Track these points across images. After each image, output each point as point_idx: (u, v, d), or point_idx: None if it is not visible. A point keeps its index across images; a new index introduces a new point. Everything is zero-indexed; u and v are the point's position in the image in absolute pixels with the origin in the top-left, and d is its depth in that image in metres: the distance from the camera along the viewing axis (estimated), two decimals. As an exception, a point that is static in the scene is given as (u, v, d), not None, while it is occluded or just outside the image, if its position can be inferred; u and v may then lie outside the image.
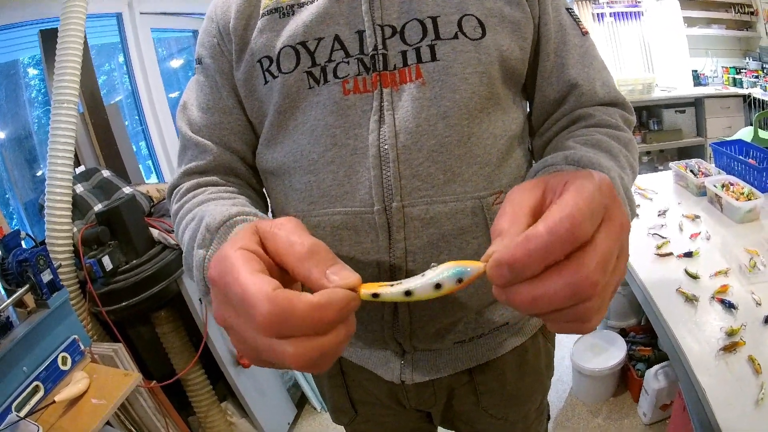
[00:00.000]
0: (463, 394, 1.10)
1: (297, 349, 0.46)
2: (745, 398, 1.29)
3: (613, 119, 0.91)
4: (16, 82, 2.95)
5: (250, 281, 0.47)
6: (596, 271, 0.45)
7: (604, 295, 0.48)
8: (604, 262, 0.46)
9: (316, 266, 0.50)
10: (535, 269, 0.45)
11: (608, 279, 0.48)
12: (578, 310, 0.47)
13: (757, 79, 4.76)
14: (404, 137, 0.83)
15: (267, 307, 0.45)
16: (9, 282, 1.75)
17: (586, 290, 0.45)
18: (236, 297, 0.48)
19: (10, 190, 2.81)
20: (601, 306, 0.49)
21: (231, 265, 0.49)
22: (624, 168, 0.80)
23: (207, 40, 0.97)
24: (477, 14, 0.85)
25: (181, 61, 4.42)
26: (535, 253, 0.45)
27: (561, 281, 0.45)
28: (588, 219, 0.45)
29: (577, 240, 0.45)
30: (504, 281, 0.47)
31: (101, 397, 1.65)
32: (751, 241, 1.94)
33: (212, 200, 0.87)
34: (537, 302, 0.46)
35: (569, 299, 0.46)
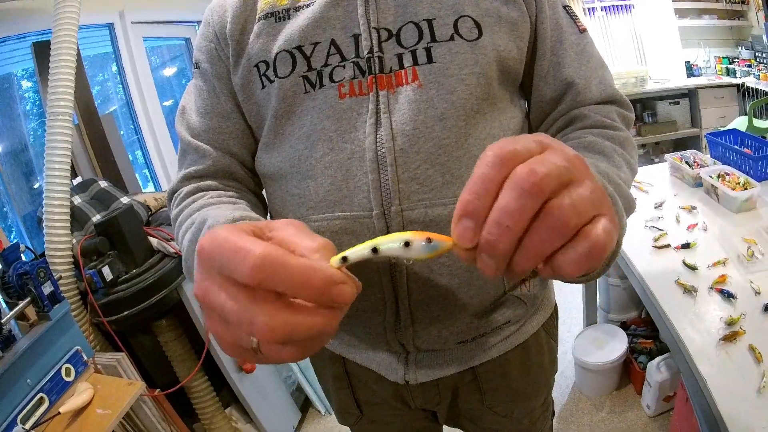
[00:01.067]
0: (468, 393, 1.10)
1: (268, 319, 0.45)
2: (746, 387, 1.30)
3: (608, 119, 0.91)
4: (10, 96, 2.95)
5: (245, 239, 0.46)
6: (534, 163, 0.44)
7: (576, 198, 0.44)
8: (543, 160, 0.44)
9: (324, 257, 0.49)
10: (485, 202, 0.45)
11: (570, 189, 0.45)
12: (553, 210, 0.44)
13: (750, 68, 4.77)
14: (401, 140, 0.82)
15: (261, 248, 0.44)
16: (10, 295, 1.75)
17: (528, 178, 0.43)
18: (228, 250, 0.46)
19: (8, 203, 2.81)
20: (581, 209, 0.44)
21: (224, 234, 0.47)
22: (620, 166, 0.80)
23: (204, 44, 0.98)
24: (473, 15, 0.85)
25: (174, 69, 4.42)
26: (475, 185, 0.45)
27: (505, 188, 0.44)
28: (511, 143, 0.45)
29: (507, 158, 0.44)
30: (469, 234, 0.46)
31: (106, 407, 1.65)
32: (748, 230, 1.94)
33: (213, 204, 0.87)
34: (502, 222, 0.44)
35: (522, 197, 0.43)
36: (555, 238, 0.45)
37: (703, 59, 5.17)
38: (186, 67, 4.41)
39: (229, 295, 0.46)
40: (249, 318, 0.45)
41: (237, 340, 0.49)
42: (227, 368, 2.42)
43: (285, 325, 0.45)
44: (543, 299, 1.10)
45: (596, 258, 0.45)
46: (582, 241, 0.45)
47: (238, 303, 0.46)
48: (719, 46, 5.18)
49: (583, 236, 0.44)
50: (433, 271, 0.87)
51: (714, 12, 5.03)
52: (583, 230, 0.45)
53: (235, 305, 0.46)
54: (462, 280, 0.89)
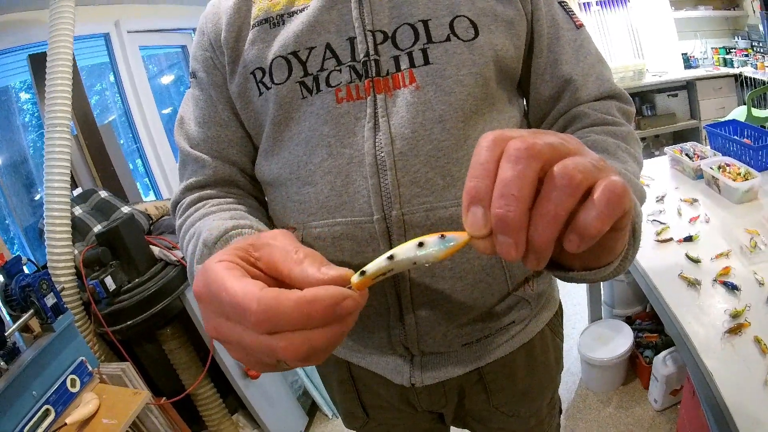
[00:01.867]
0: (474, 393, 1.10)
1: (287, 343, 0.46)
2: (752, 379, 1.29)
3: (609, 115, 0.90)
4: (9, 108, 2.96)
5: (237, 286, 0.48)
6: (527, 134, 0.45)
7: (578, 159, 0.44)
8: (535, 132, 0.46)
9: (311, 265, 0.51)
10: (488, 183, 0.45)
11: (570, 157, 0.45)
12: (559, 171, 0.43)
13: (747, 57, 4.77)
14: (400, 144, 0.82)
15: (256, 306, 0.46)
16: (13, 308, 1.76)
17: (522, 147, 0.43)
18: (226, 304, 0.48)
19: (9, 215, 2.81)
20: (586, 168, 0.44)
21: (214, 276, 0.50)
22: (625, 161, 0.80)
23: (200, 53, 0.97)
24: (469, 15, 0.84)
25: (171, 77, 4.43)
26: (476, 170, 0.46)
27: (503, 162, 0.44)
28: (508, 130, 0.47)
29: (500, 139, 0.46)
30: (481, 221, 0.45)
31: (112, 417, 1.65)
32: (750, 221, 1.94)
33: (213, 213, 0.87)
34: (508, 195, 0.43)
35: (521, 166, 0.43)
36: (566, 197, 0.43)
37: (700, 50, 5.18)
38: (183, 74, 4.41)
39: (241, 333, 0.49)
40: (268, 346, 0.47)
41: (260, 361, 0.52)
42: (233, 374, 2.41)
43: (304, 343, 0.47)
44: (547, 298, 1.09)
45: (617, 206, 0.44)
46: (598, 191, 0.43)
47: (253, 338, 0.48)
48: (715, 37, 5.18)
49: (597, 188, 0.44)
50: (435, 274, 0.87)
51: (709, 3, 5.03)
52: (595, 185, 0.44)
53: (251, 340, 0.48)
54: (465, 282, 0.88)
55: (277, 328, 0.46)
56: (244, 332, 0.48)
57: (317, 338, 0.47)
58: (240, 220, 0.80)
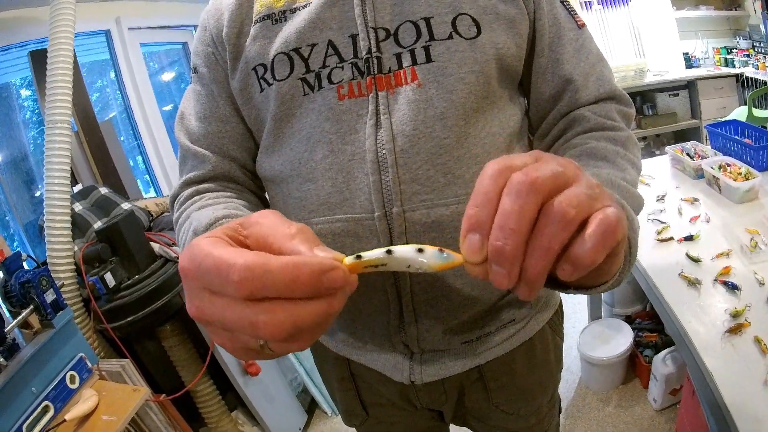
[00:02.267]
0: (474, 391, 1.10)
1: (270, 317, 0.43)
2: (752, 379, 1.29)
3: (608, 119, 0.90)
4: (9, 105, 2.96)
5: (223, 251, 0.45)
6: (530, 168, 0.46)
7: (574, 193, 0.46)
8: (537, 166, 0.47)
9: (303, 243, 0.48)
10: (488, 211, 0.46)
11: (569, 189, 0.46)
12: (554, 207, 0.45)
13: (748, 57, 4.76)
14: (402, 141, 0.82)
15: (241, 263, 0.43)
16: (13, 304, 1.76)
17: (525, 181, 0.45)
18: (210, 269, 0.45)
19: (9, 212, 2.81)
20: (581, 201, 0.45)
21: (200, 249, 0.47)
22: (624, 169, 0.80)
23: (201, 48, 0.97)
24: (471, 13, 0.84)
25: (172, 74, 4.43)
26: (477, 198, 0.47)
27: (504, 195, 0.46)
28: (507, 158, 0.48)
29: (504, 169, 0.47)
30: (477, 247, 0.47)
31: (111, 413, 1.65)
32: (751, 220, 1.94)
33: (209, 206, 0.86)
34: (506, 227, 0.45)
35: (521, 199, 0.44)
36: (560, 231, 0.45)
37: (701, 50, 5.17)
38: (184, 71, 4.41)
39: (223, 307, 0.46)
40: (250, 322, 0.44)
41: (243, 344, 0.48)
42: (232, 371, 2.42)
43: (288, 319, 0.44)
44: (547, 297, 1.09)
45: (610, 238, 0.46)
46: (592, 225, 0.45)
47: (235, 312, 0.45)
48: (717, 37, 5.18)
49: (591, 221, 0.45)
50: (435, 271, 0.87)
51: (711, 3, 5.03)
52: (589, 218, 0.46)
53: (233, 314, 0.45)
54: (465, 280, 0.88)
55: (262, 290, 0.43)
56: (227, 306, 0.45)
57: (302, 313, 0.44)
58: (233, 210, 0.80)
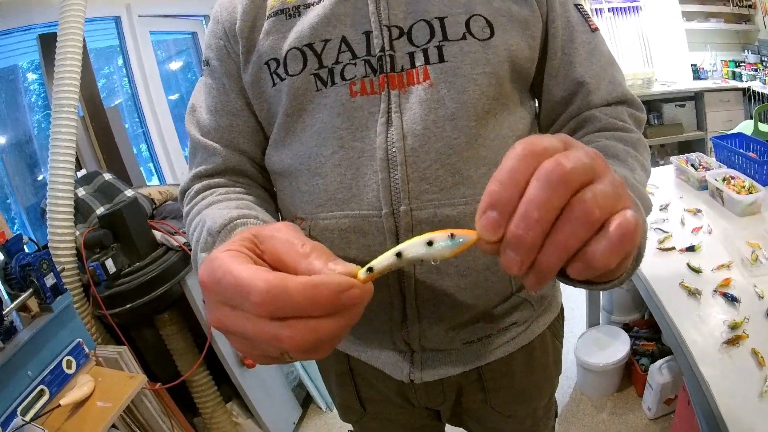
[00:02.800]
0: (472, 392, 1.10)
1: (292, 331, 0.46)
2: (748, 390, 1.30)
3: (619, 120, 0.90)
4: (15, 87, 2.96)
5: (242, 269, 0.48)
6: (561, 157, 0.44)
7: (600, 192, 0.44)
8: (568, 154, 0.45)
9: (318, 259, 0.50)
10: (511, 193, 0.45)
11: (593, 185, 0.45)
12: (578, 203, 0.44)
13: (756, 72, 4.76)
14: (412, 140, 0.82)
15: (261, 286, 0.45)
16: (12, 286, 1.75)
17: (556, 171, 0.43)
18: (230, 287, 0.48)
19: (11, 194, 2.81)
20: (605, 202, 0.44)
21: (219, 264, 0.49)
22: (633, 169, 0.80)
23: (213, 42, 0.97)
24: (485, 14, 0.84)
25: (180, 63, 4.42)
26: (502, 177, 0.45)
27: (533, 181, 0.44)
28: (538, 139, 0.46)
29: (536, 152, 0.45)
30: (494, 226, 0.45)
31: (107, 400, 1.65)
32: (752, 233, 1.94)
33: (220, 201, 0.87)
34: (529, 217, 0.43)
35: (549, 190, 0.43)
36: (581, 230, 0.44)
37: (710, 62, 5.17)
38: (192, 60, 4.41)
39: (245, 321, 0.48)
40: (273, 336, 0.46)
41: (263, 352, 0.51)
42: (229, 363, 2.42)
43: (310, 333, 0.46)
44: (550, 301, 1.09)
45: (628, 243, 0.44)
46: (611, 228, 0.44)
47: (257, 327, 0.47)
48: (726, 50, 5.17)
49: (611, 223, 0.44)
50: (440, 271, 0.87)
51: (721, 15, 5.02)
52: (610, 220, 0.44)
53: (255, 329, 0.47)
54: (470, 280, 0.88)
55: (282, 311, 0.46)
56: (248, 320, 0.47)
57: (323, 328, 0.46)
58: (246, 210, 0.81)
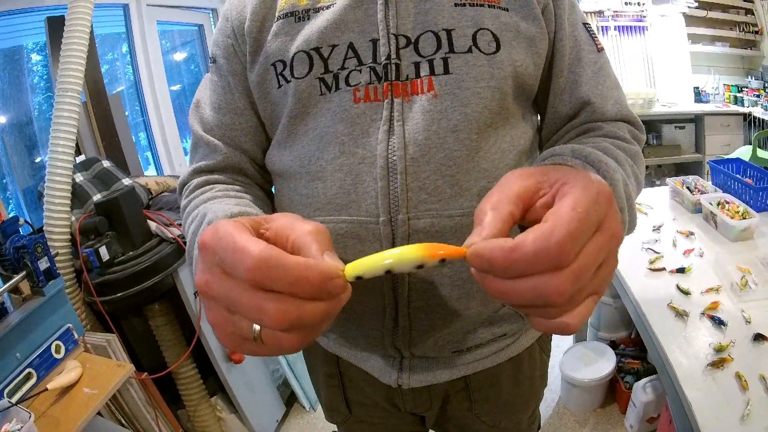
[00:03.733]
0: (458, 400, 1.10)
1: (276, 304, 0.46)
2: (731, 413, 1.31)
3: (621, 132, 0.91)
4: (19, 68, 2.95)
5: (244, 236, 0.49)
6: (567, 281, 0.46)
7: (575, 300, 0.49)
8: (580, 273, 0.47)
9: (317, 242, 0.52)
10: (511, 274, 0.47)
11: (583, 286, 0.48)
12: (548, 312, 0.49)
13: (758, 98, 4.79)
14: (413, 149, 0.82)
15: (257, 252, 0.46)
16: (5, 268, 1.76)
17: (552, 297, 0.46)
18: (228, 249, 0.48)
19: (9, 174, 2.81)
20: (572, 309, 0.50)
21: (225, 229, 0.50)
22: (629, 176, 0.80)
23: (221, 39, 0.97)
24: (492, 28, 0.84)
25: (184, 54, 4.42)
26: (516, 264, 0.46)
27: (529, 284, 0.47)
28: (577, 243, 0.46)
29: (561, 264, 0.46)
30: (481, 269, 0.49)
31: (93, 386, 1.65)
32: (744, 259, 1.96)
33: (218, 198, 0.88)
34: (505, 295, 0.48)
35: (539, 301, 0.47)
36: (539, 315, 0.51)
37: (712, 86, 5.20)
38: (196, 52, 4.41)
39: (232, 287, 0.48)
40: (257, 305, 0.47)
41: (237, 329, 0.51)
42: (216, 357, 2.42)
43: (294, 311, 0.47)
44: None
45: (560, 334, 0.52)
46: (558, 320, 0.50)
47: (244, 295, 0.48)
48: (729, 74, 5.20)
49: (565, 315, 0.50)
50: (434, 281, 0.88)
51: (727, 40, 5.06)
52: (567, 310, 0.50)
53: (241, 294, 0.48)
54: (462, 291, 0.89)
55: (271, 282, 0.46)
56: (236, 286, 0.48)
57: (306, 309, 0.47)
58: (246, 207, 0.82)
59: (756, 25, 4.99)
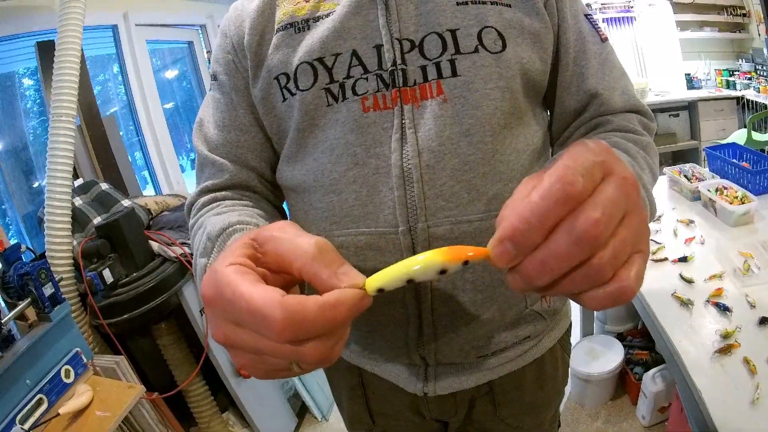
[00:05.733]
0: (483, 405, 1.09)
1: (314, 347, 0.46)
2: (740, 398, 1.31)
3: (631, 124, 0.91)
4: (12, 94, 2.96)
5: (254, 292, 0.46)
6: (594, 210, 0.42)
7: (620, 248, 0.44)
8: (604, 206, 0.43)
9: (326, 266, 0.49)
10: (535, 237, 0.44)
11: (619, 230, 0.44)
12: (597, 266, 0.43)
13: (750, 80, 4.80)
14: (427, 156, 0.81)
15: (280, 314, 0.44)
16: (10, 295, 1.76)
17: (590, 232, 0.42)
18: (242, 310, 0.46)
19: (8, 200, 2.82)
20: (621, 258, 0.45)
21: (227, 281, 0.48)
22: (643, 168, 0.80)
23: (222, 56, 0.96)
24: (496, 26, 0.83)
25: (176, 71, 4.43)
26: (532, 218, 0.43)
27: (563, 233, 0.43)
28: (579, 174, 0.43)
29: (571, 197, 0.42)
30: (509, 257, 0.45)
31: (105, 409, 1.65)
32: (745, 243, 1.96)
33: (224, 213, 0.86)
34: (547, 265, 0.44)
35: (577, 249, 0.43)
36: (589, 284, 0.45)
37: (704, 71, 5.20)
38: (187, 69, 4.42)
39: (259, 339, 0.48)
40: (293, 352, 0.47)
41: (271, 365, 0.51)
42: (225, 373, 2.42)
43: (330, 345, 0.47)
44: (561, 315, 1.10)
45: (621, 301, 0.45)
46: (612, 284, 0.45)
47: (277, 346, 0.47)
48: (720, 59, 5.20)
49: (615, 280, 0.45)
50: (456, 286, 0.87)
51: (715, 25, 5.06)
52: (617, 274, 0.45)
53: (274, 347, 0.47)
54: (485, 295, 0.88)
55: (302, 336, 0.46)
56: (262, 339, 0.47)
57: (340, 338, 0.48)
58: (246, 217, 0.80)
59: (743, 8, 4.98)
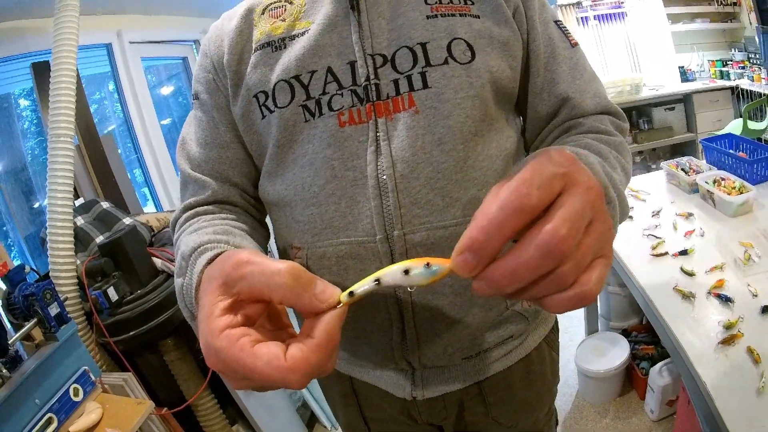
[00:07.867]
0: (473, 406, 1.11)
1: (300, 377, 0.51)
2: (746, 388, 1.32)
3: (603, 125, 0.93)
4: (9, 115, 2.97)
5: (262, 364, 0.52)
6: (561, 225, 0.44)
7: (583, 256, 0.47)
8: (568, 217, 0.45)
9: (304, 291, 0.53)
10: (494, 246, 0.46)
11: (583, 239, 0.47)
12: (561, 274, 0.46)
13: (743, 69, 4.80)
14: (401, 166, 0.84)
15: (296, 377, 0.51)
16: (16, 316, 1.76)
17: (556, 245, 0.44)
18: (260, 381, 0.53)
19: (9, 221, 2.83)
20: (584, 264, 0.47)
21: (231, 357, 0.53)
22: (614, 168, 0.81)
23: (202, 75, 0.99)
24: (465, 37, 0.86)
25: (171, 87, 4.45)
26: (490, 228, 0.45)
27: (529, 244, 0.45)
28: (535, 187, 0.44)
29: (526, 209, 0.44)
30: (470, 267, 0.47)
31: (115, 426, 1.66)
32: (745, 233, 1.97)
33: (203, 228, 0.86)
34: (517, 274, 0.46)
35: (547, 261, 0.45)
36: (553, 289, 0.48)
37: (697, 63, 5.20)
38: (183, 85, 4.43)
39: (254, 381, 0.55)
40: (282, 379, 0.52)
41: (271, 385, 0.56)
42: (233, 385, 2.41)
43: (317, 370, 0.52)
44: (544, 314, 1.11)
45: (582, 305, 0.49)
46: (574, 288, 0.48)
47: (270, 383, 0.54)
48: (712, 50, 5.21)
49: (577, 284, 0.48)
50: (436, 290, 0.89)
51: (706, 15, 5.06)
52: (578, 278, 0.48)
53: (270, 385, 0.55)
54: (464, 297, 0.90)
55: (316, 375, 0.53)
56: None
57: (325, 361, 0.53)
58: (219, 235, 0.81)
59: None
